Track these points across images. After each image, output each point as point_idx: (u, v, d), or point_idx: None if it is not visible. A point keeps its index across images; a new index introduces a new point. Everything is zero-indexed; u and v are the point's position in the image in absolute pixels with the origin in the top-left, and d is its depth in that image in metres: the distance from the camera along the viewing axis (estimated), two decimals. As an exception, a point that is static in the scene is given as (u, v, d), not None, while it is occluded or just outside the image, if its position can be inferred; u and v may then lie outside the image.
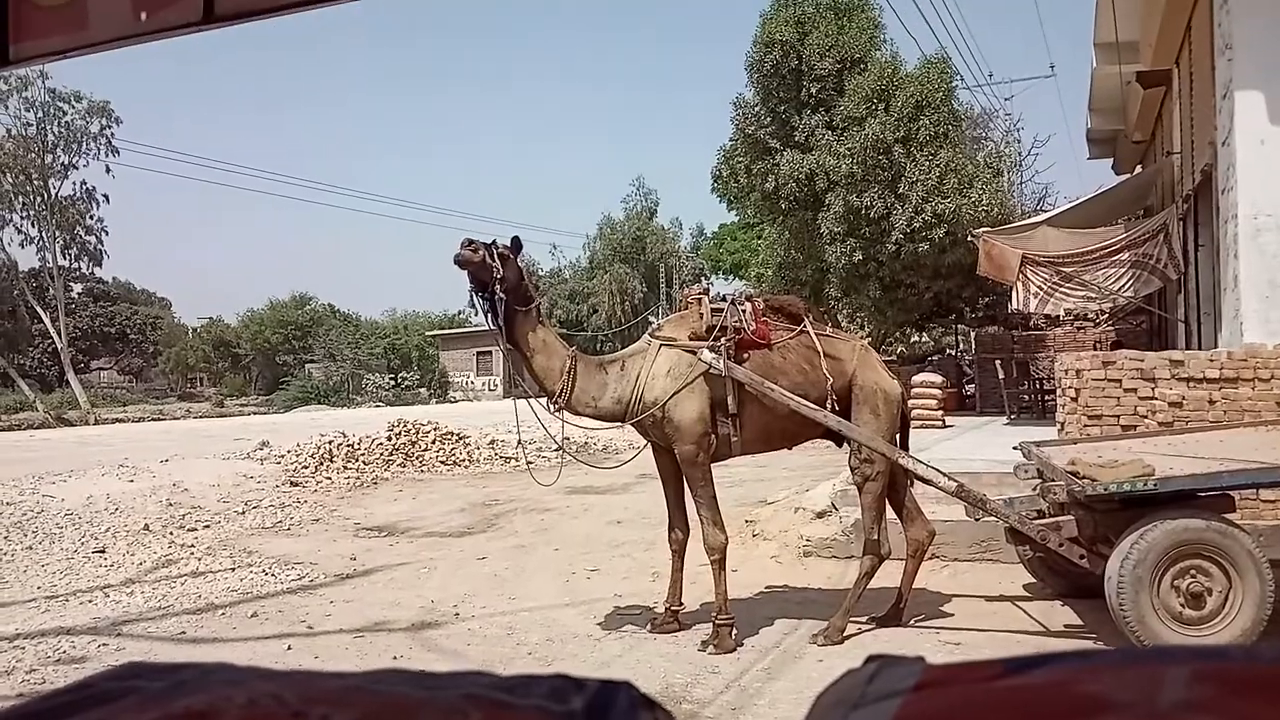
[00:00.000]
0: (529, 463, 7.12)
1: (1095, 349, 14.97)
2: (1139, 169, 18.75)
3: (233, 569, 7.51)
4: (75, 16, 1.24)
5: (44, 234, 33.03)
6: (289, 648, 5.49)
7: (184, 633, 5.88)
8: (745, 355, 5.35)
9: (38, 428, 27.72)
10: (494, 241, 5.14)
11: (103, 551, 8.14)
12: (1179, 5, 10.43)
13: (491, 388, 40.75)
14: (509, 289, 5.08)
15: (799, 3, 17.96)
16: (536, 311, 5.36)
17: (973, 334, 20.79)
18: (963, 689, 0.47)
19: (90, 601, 6.63)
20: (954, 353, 22.97)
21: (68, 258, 34.82)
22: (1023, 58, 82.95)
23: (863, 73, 17.11)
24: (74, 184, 33.15)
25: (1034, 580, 6.17)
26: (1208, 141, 9.46)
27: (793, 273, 19.27)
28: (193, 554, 8.09)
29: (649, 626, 5.59)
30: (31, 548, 8.30)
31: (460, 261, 5.03)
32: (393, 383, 40.05)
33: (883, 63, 17.30)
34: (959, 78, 18.66)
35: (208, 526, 9.33)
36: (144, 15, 1.21)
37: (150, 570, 7.58)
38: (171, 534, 8.92)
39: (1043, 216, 14.94)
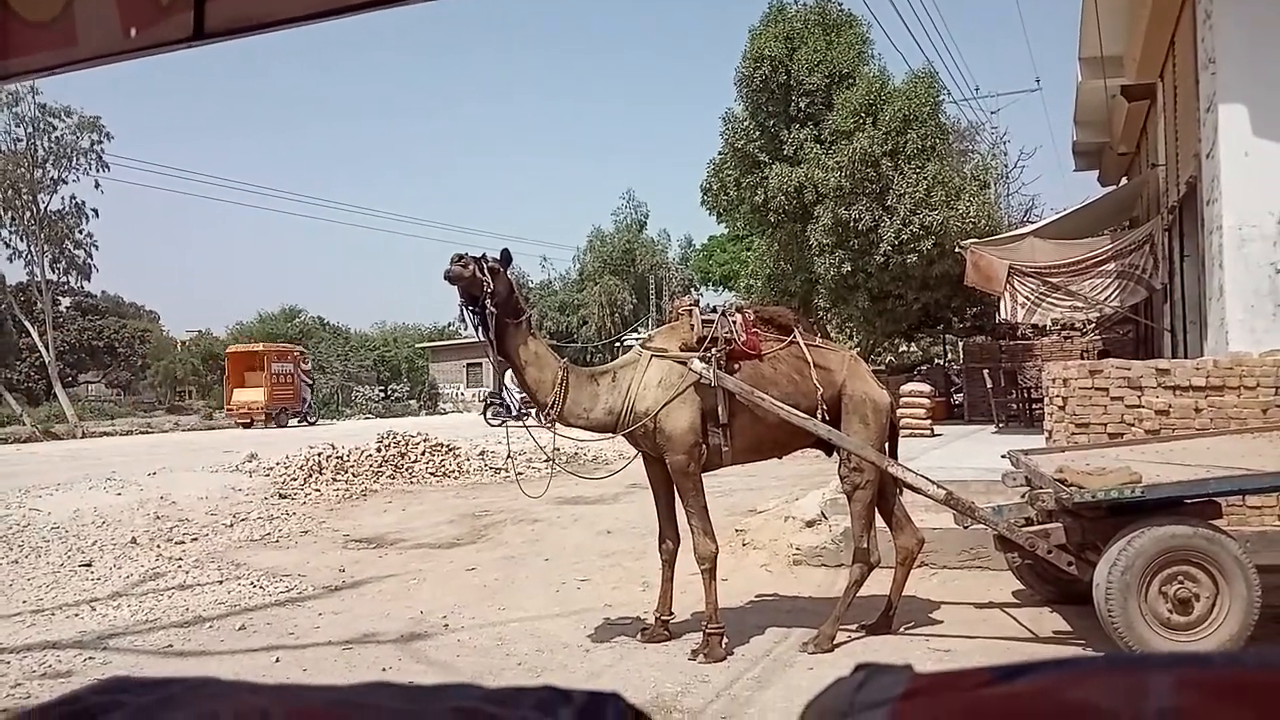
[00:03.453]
0: (518, 474, 7.09)
1: (1082, 358, 15.02)
2: (1124, 181, 18.88)
3: (220, 581, 7.47)
4: (64, 33, 1.23)
5: (32, 248, 32.77)
6: (277, 660, 5.46)
7: (171, 646, 5.84)
8: (736, 366, 5.37)
9: (25, 441, 27.51)
10: (484, 255, 5.13)
11: (89, 565, 8.07)
12: (1162, 20, 10.52)
13: (482, 399, 40.66)
14: (499, 302, 5.08)
15: (788, 19, 18.09)
16: (527, 324, 5.35)
17: (960, 344, 20.85)
18: (951, 696, 0.48)
19: (76, 615, 6.57)
20: (942, 362, 23.03)
21: (56, 272, 34.51)
22: (1009, 72, 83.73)
23: (851, 87, 17.23)
24: (63, 199, 32.93)
25: (1023, 587, 6.19)
26: (1192, 154, 9.54)
27: (782, 284, 19.34)
28: (180, 567, 8.04)
29: (639, 636, 5.58)
30: (17, 561, 8.24)
31: (451, 277, 5.02)
32: (382, 395, 39.92)
33: (870, 77, 17.43)
34: (946, 92, 18.85)
35: (195, 539, 9.27)
36: (134, 32, 1.21)
37: (137, 583, 7.52)
38: (159, 547, 8.86)
39: (1030, 228, 15.03)
